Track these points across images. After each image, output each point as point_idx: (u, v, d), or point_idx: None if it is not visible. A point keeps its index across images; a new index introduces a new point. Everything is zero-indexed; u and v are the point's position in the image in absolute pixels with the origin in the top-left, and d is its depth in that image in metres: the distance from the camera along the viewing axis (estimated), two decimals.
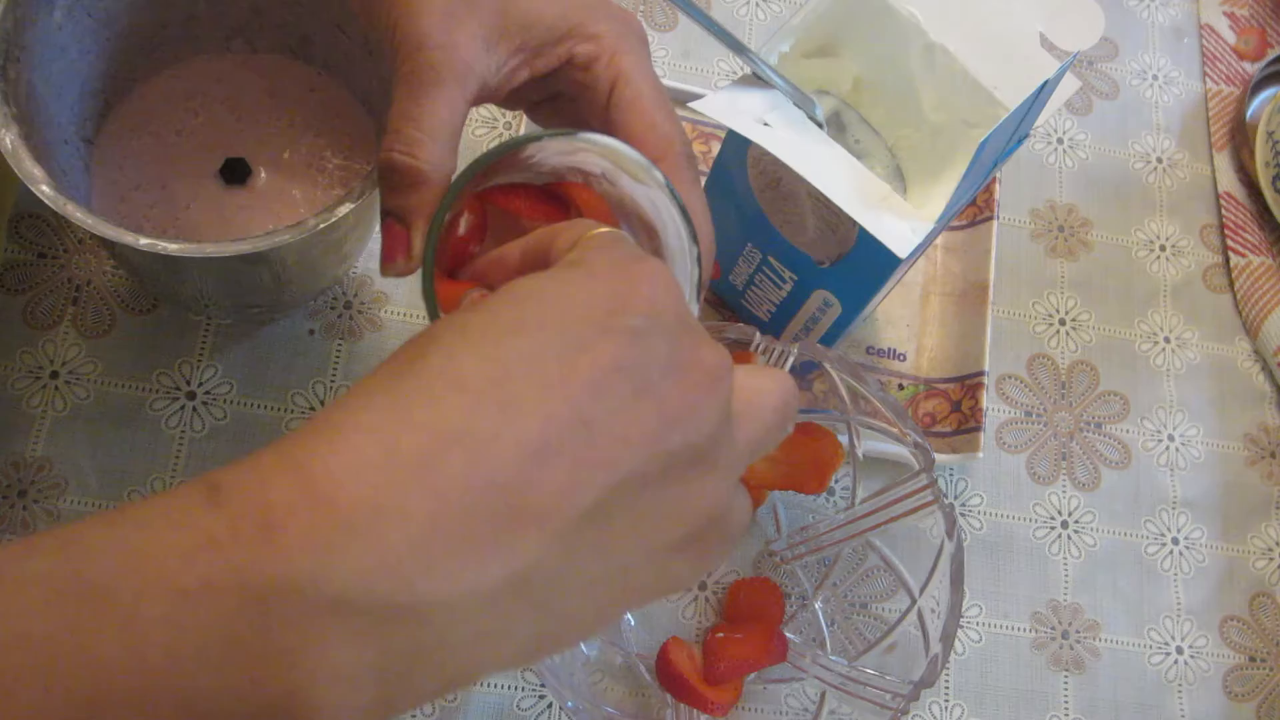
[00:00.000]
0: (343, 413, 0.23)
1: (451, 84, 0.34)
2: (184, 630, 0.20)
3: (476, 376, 0.23)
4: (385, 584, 0.21)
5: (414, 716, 0.48)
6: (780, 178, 0.47)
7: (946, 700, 0.53)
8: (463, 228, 0.35)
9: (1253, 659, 0.57)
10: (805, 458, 0.49)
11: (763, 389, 0.28)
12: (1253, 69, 0.70)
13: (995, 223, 0.59)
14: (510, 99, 0.38)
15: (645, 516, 0.24)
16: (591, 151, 0.33)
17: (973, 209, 0.60)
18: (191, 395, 0.51)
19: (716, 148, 0.60)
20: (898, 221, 0.43)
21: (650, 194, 0.33)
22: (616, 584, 0.25)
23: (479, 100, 0.36)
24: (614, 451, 0.23)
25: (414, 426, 0.22)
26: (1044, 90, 0.41)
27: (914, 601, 0.48)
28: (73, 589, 0.20)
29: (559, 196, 0.35)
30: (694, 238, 0.33)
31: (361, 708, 0.21)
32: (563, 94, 0.38)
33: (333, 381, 0.52)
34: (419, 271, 0.33)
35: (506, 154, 0.32)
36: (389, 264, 0.33)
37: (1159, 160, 0.67)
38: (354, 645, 0.21)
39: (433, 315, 0.32)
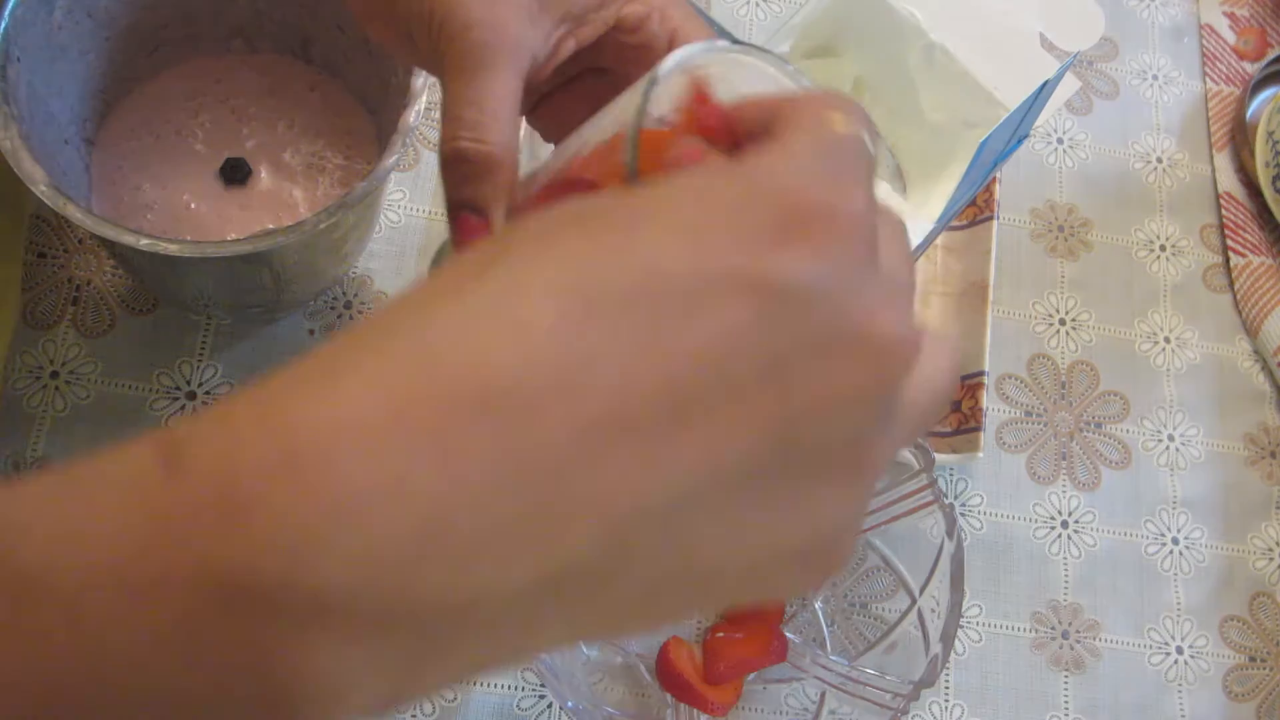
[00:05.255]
0: (349, 350, 0.19)
1: (504, 61, 0.32)
2: (138, 630, 0.17)
3: (543, 309, 0.18)
4: (378, 585, 0.17)
5: (412, 717, 0.48)
6: None
7: (946, 700, 0.53)
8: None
9: (1253, 659, 0.57)
10: None
11: (937, 374, 0.22)
12: (1253, 69, 0.70)
13: (995, 223, 0.59)
14: (552, 78, 0.36)
15: (743, 525, 0.19)
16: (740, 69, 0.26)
17: (973, 209, 0.60)
18: (192, 395, 0.51)
19: None
20: None
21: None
22: (693, 587, 0.20)
23: (529, 77, 0.33)
24: (715, 439, 0.18)
25: (438, 375, 0.18)
26: (1044, 90, 0.41)
27: (914, 601, 0.48)
28: (5, 579, 0.17)
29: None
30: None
31: (359, 706, 0.18)
32: (603, 70, 0.36)
33: None
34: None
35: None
36: None
37: (1159, 160, 0.67)
38: (344, 650, 0.17)
39: None
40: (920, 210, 0.44)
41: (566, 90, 0.37)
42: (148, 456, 0.18)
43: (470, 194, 0.31)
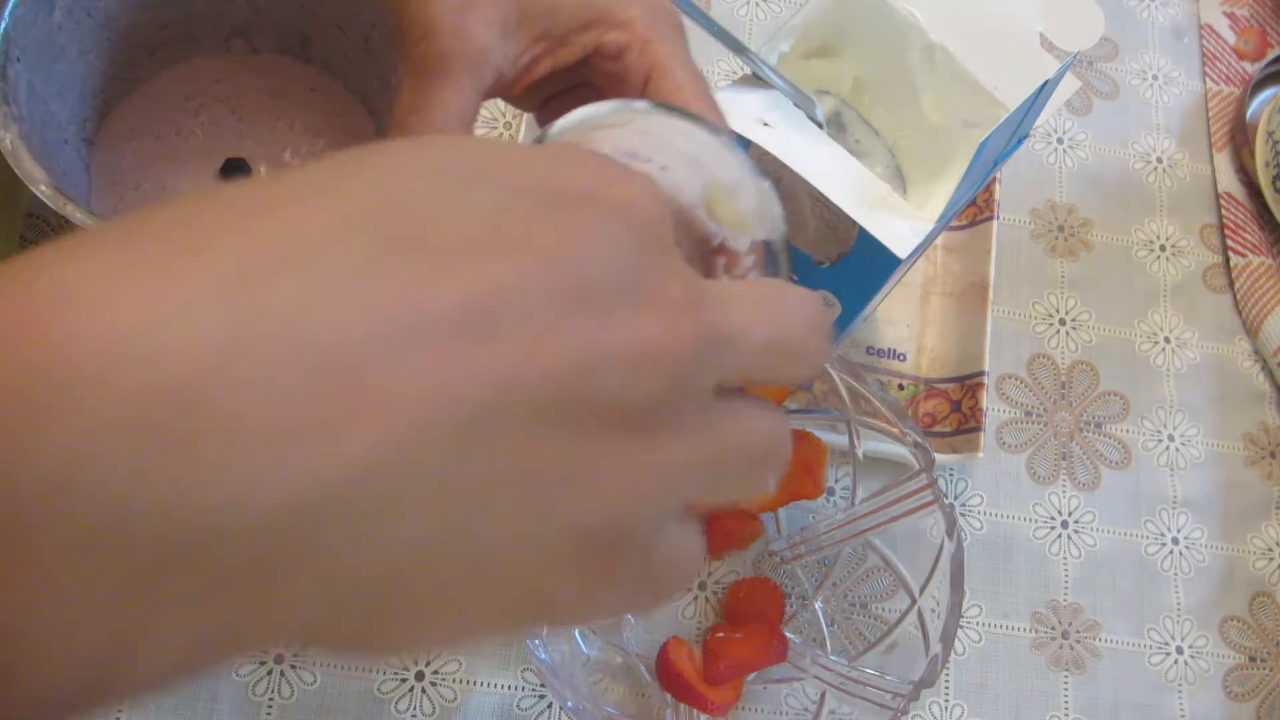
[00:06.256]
0: (107, 228, 0.15)
1: (462, 73, 0.31)
2: None
3: (346, 208, 0.16)
4: (102, 472, 0.13)
5: (412, 717, 0.48)
6: (780, 178, 0.47)
7: (946, 700, 0.53)
8: None
9: (1253, 659, 0.57)
10: (792, 466, 0.49)
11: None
12: (1253, 69, 0.70)
13: (995, 223, 0.59)
14: (529, 93, 0.35)
15: (537, 474, 0.16)
16: (651, 131, 0.26)
17: (973, 209, 0.60)
18: None
19: None
20: (898, 221, 0.43)
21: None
22: (470, 562, 0.17)
23: (493, 93, 0.33)
24: (518, 361, 0.16)
25: (214, 249, 0.15)
26: (1044, 90, 0.41)
27: (914, 601, 0.48)
28: None
29: None
30: (785, 218, 0.28)
31: (86, 650, 0.14)
32: (588, 85, 0.35)
33: None
34: None
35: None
36: None
37: (1159, 160, 0.67)
38: (62, 562, 0.13)
39: None
40: (920, 210, 0.44)
41: (573, 94, 0.36)
42: None
43: None
